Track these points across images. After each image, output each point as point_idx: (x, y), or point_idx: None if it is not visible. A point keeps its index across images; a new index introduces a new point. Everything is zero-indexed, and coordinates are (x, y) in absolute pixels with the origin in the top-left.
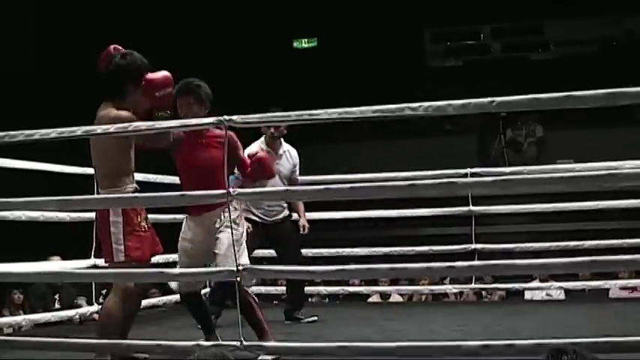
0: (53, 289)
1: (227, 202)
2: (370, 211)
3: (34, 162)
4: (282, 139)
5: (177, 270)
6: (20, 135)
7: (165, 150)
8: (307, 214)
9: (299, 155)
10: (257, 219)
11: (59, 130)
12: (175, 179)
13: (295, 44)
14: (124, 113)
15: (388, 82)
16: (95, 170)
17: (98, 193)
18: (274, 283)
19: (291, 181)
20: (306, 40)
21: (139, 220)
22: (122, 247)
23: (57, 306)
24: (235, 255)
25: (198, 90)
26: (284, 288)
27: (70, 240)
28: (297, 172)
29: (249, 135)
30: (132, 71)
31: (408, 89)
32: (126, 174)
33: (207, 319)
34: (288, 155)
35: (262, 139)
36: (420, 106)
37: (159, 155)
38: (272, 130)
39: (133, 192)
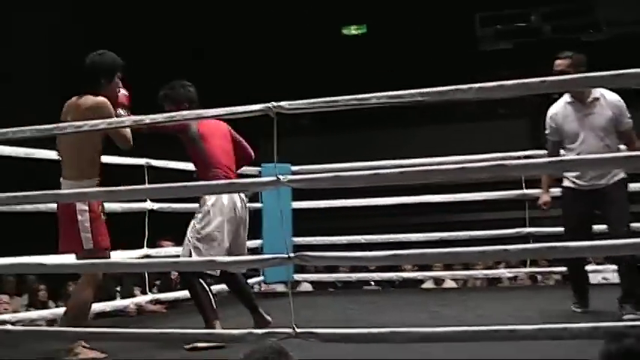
0: (115, 281)
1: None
2: (423, 196)
3: None
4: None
5: (227, 258)
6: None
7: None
8: (358, 200)
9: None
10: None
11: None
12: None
13: (344, 31)
14: (101, 98)
15: (438, 67)
16: (64, 160)
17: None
18: (331, 270)
19: (621, 134)
20: (355, 26)
21: (101, 209)
22: (89, 235)
23: (118, 297)
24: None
25: (169, 95)
26: (339, 275)
27: (119, 231)
28: (627, 121)
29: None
30: (105, 68)
31: (458, 74)
32: (97, 165)
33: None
34: (604, 101)
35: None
36: (470, 88)
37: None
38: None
39: (98, 184)
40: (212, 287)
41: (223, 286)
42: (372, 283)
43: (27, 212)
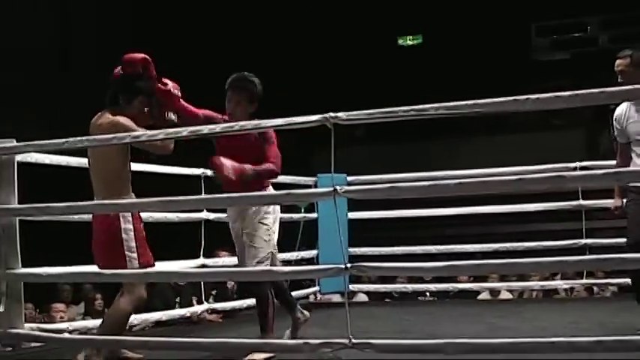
0: (174, 291)
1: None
2: (479, 207)
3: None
4: None
5: (286, 268)
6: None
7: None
8: (409, 211)
9: None
10: None
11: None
12: None
13: (400, 41)
14: (122, 118)
15: (494, 77)
16: (96, 179)
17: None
18: (385, 280)
19: None
20: (410, 37)
21: (141, 225)
22: (136, 255)
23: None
24: None
25: (252, 87)
26: (395, 285)
27: (176, 240)
28: None
29: None
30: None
31: (514, 84)
32: (128, 180)
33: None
34: None
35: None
36: (527, 99)
37: None
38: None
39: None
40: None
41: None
42: (428, 293)
43: (83, 222)
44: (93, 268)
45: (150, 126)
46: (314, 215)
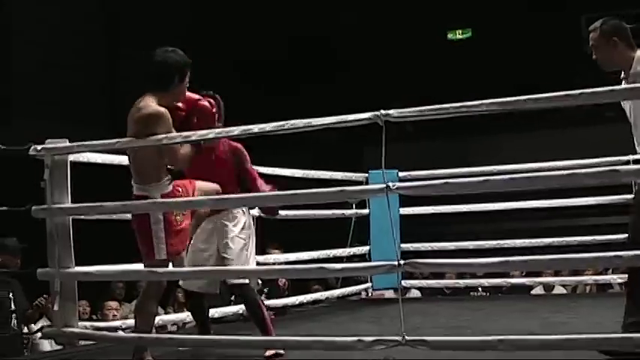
0: (231, 289)
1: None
2: (531, 201)
3: None
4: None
5: (338, 265)
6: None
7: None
8: (462, 206)
9: None
10: None
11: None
12: None
13: (450, 35)
14: (162, 109)
15: (545, 71)
16: (131, 165)
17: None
18: (437, 276)
19: None
20: (460, 30)
21: (175, 214)
22: (164, 246)
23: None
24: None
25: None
26: (447, 281)
27: None
28: None
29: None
30: (180, 65)
31: (565, 77)
32: (164, 166)
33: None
34: None
35: None
36: (581, 93)
37: None
38: None
39: (169, 183)
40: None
41: (332, 292)
42: (480, 289)
43: None
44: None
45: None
46: (365, 211)
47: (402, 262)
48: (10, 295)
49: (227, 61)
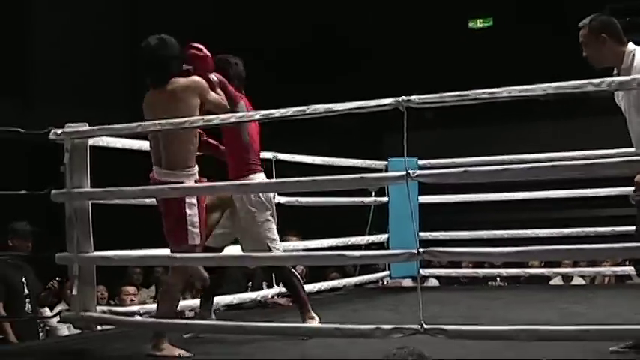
0: (247, 276)
1: None
2: (550, 191)
3: None
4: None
5: (357, 252)
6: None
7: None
8: (486, 195)
9: None
10: None
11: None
12: None
13: (471, 24)
14: (194, 77)
15: (567, 60)
16: (162, 151)
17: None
18: (455, 265)
19: None
20: (481, 19)
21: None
22: (198, 231)
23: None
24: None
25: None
26: (466, 270)
27: None
28: None
29: None
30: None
31: (588, 66)
32: (195, 153)
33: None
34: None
35: None
36: (602, 81)
37: None
38: None
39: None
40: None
41: (350, 280)
42: (498, 278)
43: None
44: (163, 252)
45: None
46: (385, 199)
47: (421, 250)
48: (24, 279)
49: (250, 49)
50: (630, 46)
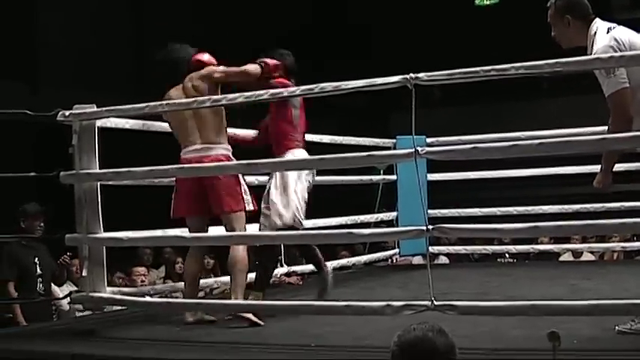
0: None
1: None
2: (560, 167)
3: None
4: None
5: (366, 231)
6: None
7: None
8: (494, 172)
9: None
10: None
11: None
12: None
13: (477, 1)
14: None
15: None
16: (198, 127)
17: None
18: (465, 242)
19: None
20: None
21: None
22: (249, 198)
23: None
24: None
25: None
26: (475, 247)
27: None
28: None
29: None
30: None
31: None
32: (225, 128)
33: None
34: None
35: None
36: (611, 57)
37: None
38: None
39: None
40: None
41: (360, 258)
42: (507, 255)
43: (163, 185)
44: (173, 232)
45: None
46: (393, 177)
47: (430, 227)
48: (36, 259)
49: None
50: (593, 27)
